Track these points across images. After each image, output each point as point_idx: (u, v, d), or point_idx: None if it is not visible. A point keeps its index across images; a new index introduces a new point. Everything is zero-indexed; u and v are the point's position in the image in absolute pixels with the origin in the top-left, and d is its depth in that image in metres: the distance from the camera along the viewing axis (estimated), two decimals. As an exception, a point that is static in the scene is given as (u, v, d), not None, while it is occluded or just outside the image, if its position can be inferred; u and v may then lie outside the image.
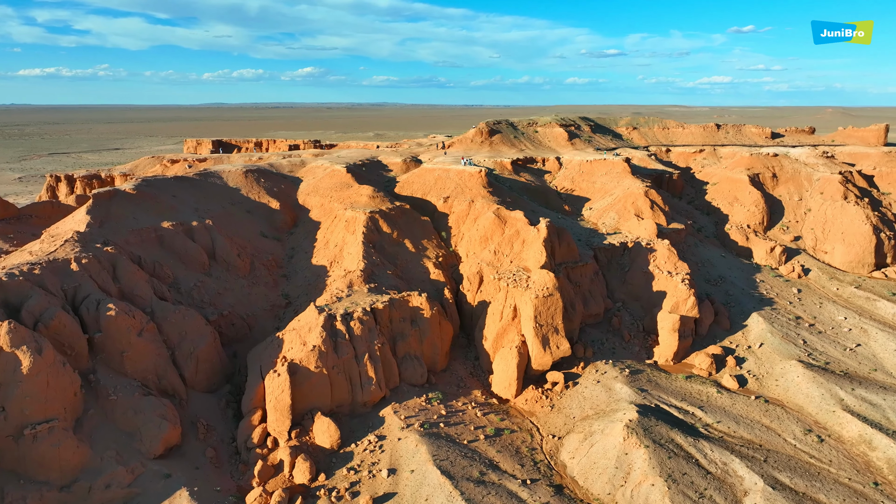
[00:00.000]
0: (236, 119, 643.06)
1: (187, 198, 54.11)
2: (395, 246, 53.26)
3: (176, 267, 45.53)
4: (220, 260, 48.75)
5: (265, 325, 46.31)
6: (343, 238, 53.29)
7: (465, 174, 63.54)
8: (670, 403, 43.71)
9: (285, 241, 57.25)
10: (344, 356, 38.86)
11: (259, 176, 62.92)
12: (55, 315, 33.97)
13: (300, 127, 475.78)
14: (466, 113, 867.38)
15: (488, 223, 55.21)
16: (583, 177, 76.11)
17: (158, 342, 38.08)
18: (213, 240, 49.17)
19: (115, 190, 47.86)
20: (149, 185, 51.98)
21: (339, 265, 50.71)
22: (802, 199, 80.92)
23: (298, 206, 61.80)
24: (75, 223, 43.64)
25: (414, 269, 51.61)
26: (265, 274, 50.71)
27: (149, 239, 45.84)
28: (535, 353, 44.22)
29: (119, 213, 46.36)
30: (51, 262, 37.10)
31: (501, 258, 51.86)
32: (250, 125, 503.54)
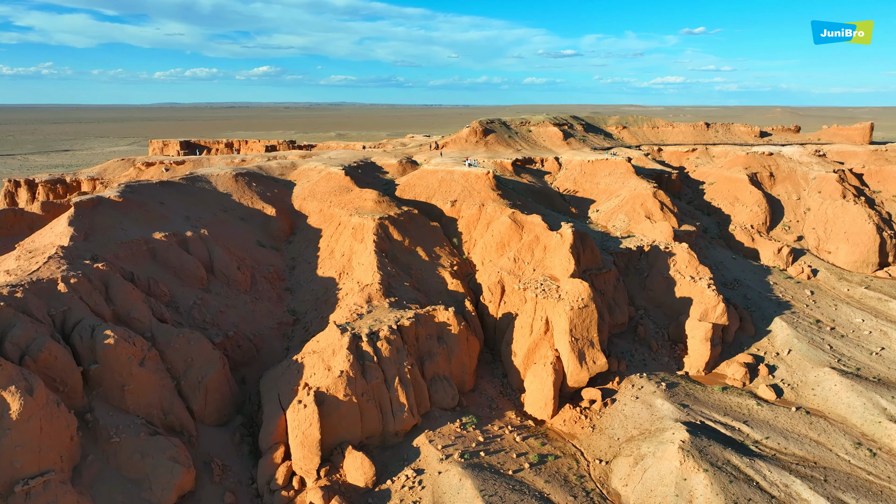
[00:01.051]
0: (191, 119, 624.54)
1: (176, 205, 49.16)
2: (407, 255, 49.40)
3: (172, 283, 40.75)
4: (218, 274, 44.11)
5: (273, 345, 41.94)
6: (350, 247, 49.15)
7: (472, 176, 60.05)
8: (713, 419, 41.14)
9: (284, 250, 52.75)
10: (373, 381, 34.93)
11: (250, 180, 58.14)
12: (44, 346, 29.13)
13: (258, 127, 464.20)
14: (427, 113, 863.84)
15: (504, 228, 51.85)
16: (585, 177, 73.48)
17: (162, 372, 33.46)
18: (210, 252, 44.48)
19: (98, 198, 42.71)
20: (134, 192, 46.88)
21: (348, 276, 46.58)
22: (801, 199, 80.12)
23: (295, 212, 57.29)
24: (56, 236, 38.48)
25: (430, 280, 47.86)
26: (268, 288, 46.23)
27: (140, 252, 40.93)
28: (571, 370, 41.05)
29: (104, 223, 41.30)
30: (34, 284, 32.11)
31: (522, 266, 48.55)
32: (206, 125, 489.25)
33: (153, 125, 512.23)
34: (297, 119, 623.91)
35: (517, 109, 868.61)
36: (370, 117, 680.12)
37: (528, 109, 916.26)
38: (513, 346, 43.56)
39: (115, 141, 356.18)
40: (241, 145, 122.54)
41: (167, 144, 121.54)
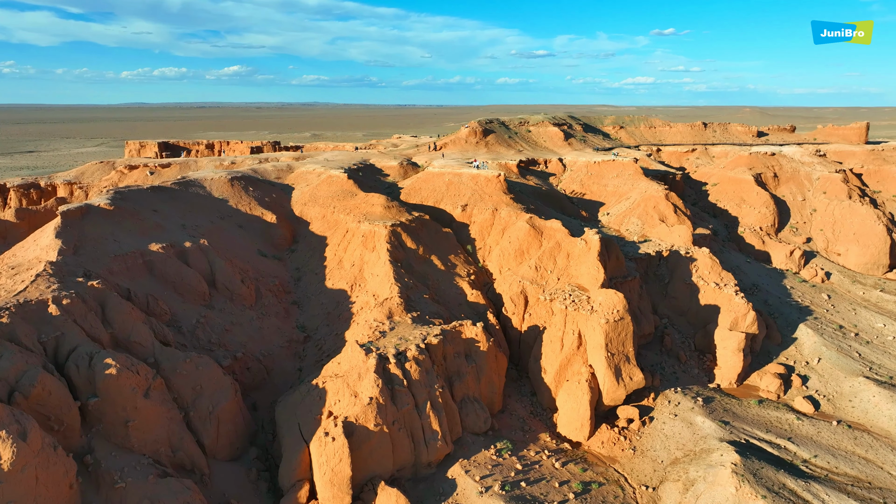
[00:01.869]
0: (160, 119, 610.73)
1: (171, 212, 45.26)
2: (422, 264, 46.18)
3: (172, 300, 36.97)
4: (221, 288, 40.40)
5: (284, 366, 38.41)
6: (361, 256, 45.76)
7: (482, 179, 57.04)
8: (757, 436, 38.76)
9: (287, 260, 49.11)
10: (404, 408, 31.70)
11: (247, 184, 54.30)
12: (37, 379, 25.33)
13: (230, 127, 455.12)
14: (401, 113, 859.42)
15: (522, 235, 48.95)
16: (592, 179, 71.01)
17: (169, 403, 29.80)
18: (211, 264, 40.75)
19: (87, 206, 38.66)
20: (125, 199, 42.87)
21: (361, 288, 43.22)
22: (806, 200, 78.80)
23: (295, 219, 53.63)
24: (42, 250, 34.44)
25: (448, 291, 44.74)
26: (274, 302, 42.63)
27: (136, 266, 37.06)
28: (607, 387, 38.31)
29: (95, 234, 37.33)
30: (21, 307, 28.21)
31: (545, 274, 45.71)
32: (177, 126, 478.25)
33: (121, 125, 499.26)
34: (270, 119, 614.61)
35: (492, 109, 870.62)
36: (344, 117, 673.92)
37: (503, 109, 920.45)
38: (542, 362, 40.67)
39: (82, 142, 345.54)
40: (224, 146, 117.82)
41: (144, 146, 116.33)
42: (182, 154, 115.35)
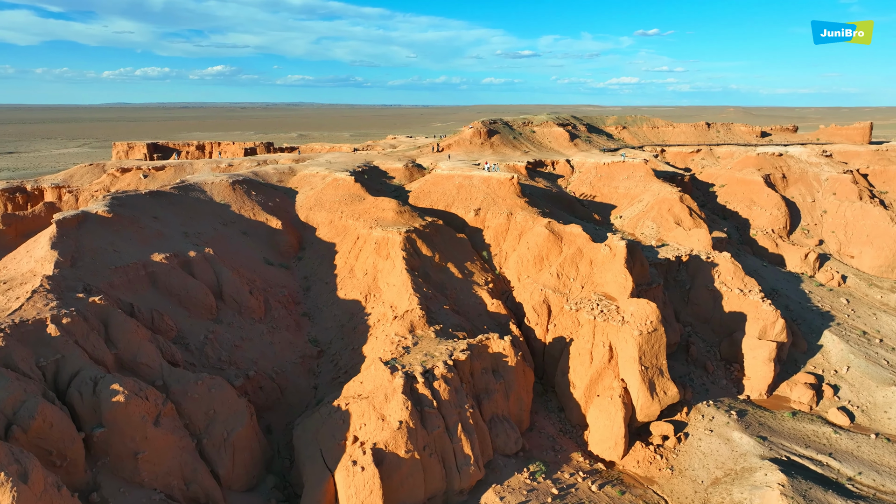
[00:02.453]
0: (143, 119, 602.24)
1: (171, 219, 42.58)
2: (439, 272, 43.88)
3: (177, 315, 34.36)
4: (228, 300, 37.81)
5: (299, 383, 35.93)
6: (374, 264, 43.36)
7: (494, 182, 54.83)
8: (796, 452, 36.94)
9: (294, 268, 46.56)
10: (434, 431, 29.39)
11: (249, 188, 51.65)
12: (37, 410, 22.72)
13: (215, 128, 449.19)
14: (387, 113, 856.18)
15: (541, 240, 46.81)
16: (602, 181, 69.08)
17: (181, 430, 27.24)
18: (217, 274, 38.16)
19: (84, 213, 35.90)
20: (123, 205, 40.12)
21: (376, 299, 40.82)
22: (816, 201, 77.50)
23: (301, 224, 51.07)
24: (37, 262, 31.69)
25: (467, 301, 42.48)
26: (284, 314, 40.10)
27: (138, 279, 34.39)
28: (641, 403, 36.26)
29: (93, 244, 34.60)
30: (18, 327, 25.54)
31: (567, 282, 43.61)
32: (160, 126, 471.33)
33: (104, 126, 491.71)
34: (255, 119, 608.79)
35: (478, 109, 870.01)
36: (330, 117, 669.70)
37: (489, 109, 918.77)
38: (570, 375, 38.53)
39: (64, 143, 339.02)
40: (215, 147, 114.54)
41: (133, 147, 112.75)
42: (172, 155, 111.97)
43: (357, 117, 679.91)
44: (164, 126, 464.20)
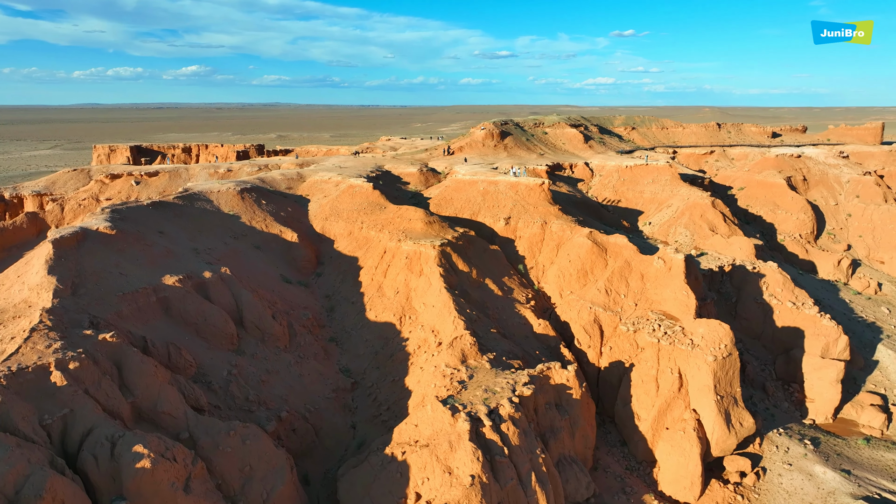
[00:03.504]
0: (116, 120, 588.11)
1: (178, 233, 37.89)
2: (477, 289, 39.78)
3: (195, 347, 29.79)
4: (250, 327, 33.30)
5: (334, 422, 31.55)
6: (406, 282, 39.10)
7: (523, 188, 50.87)
8: (886, 488, 33.49)
9: (314, 286, 42.08)
10: (508, 484, 25.27)
11: (258, 196, 47.01)
12: (45, 487, 18.18)
13: (190, 128, 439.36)
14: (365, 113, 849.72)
15: (584, 252, 42.97)
16: (625, 185, 65.52)
17: (214, 494, 22.72)
18: (236, 297, 33.63)
19: (83, 230, 31.09)
20: (125, 219, 35.35)
21: (412, 322, 36.58)
22: (839, 204, 74.88)
23: (316, 236, 46.59)
24: (31, 291, 26.92)
25: (510, 321, 38.43)
26: (310, 341, 35.67)
27: (149, 306, 29.74)
28: (717, 436, 32.57)
29: (96, 266, 29.88)
30: (15, 376, 20.91)
31: (618, 299, 39.80)
32: (134, 127, 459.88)
33: (75, 127, 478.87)
34: (232, 120, 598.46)
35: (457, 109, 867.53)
36: (308, 118, 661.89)
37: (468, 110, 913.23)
38: (633, 406, 34.67)
39: (35, 144, 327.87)
40: (202, 150, 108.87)
41: (115, 150, 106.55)
42: (157, 159, 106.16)
43: (335, 118, 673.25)
44: (138, 127, 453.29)
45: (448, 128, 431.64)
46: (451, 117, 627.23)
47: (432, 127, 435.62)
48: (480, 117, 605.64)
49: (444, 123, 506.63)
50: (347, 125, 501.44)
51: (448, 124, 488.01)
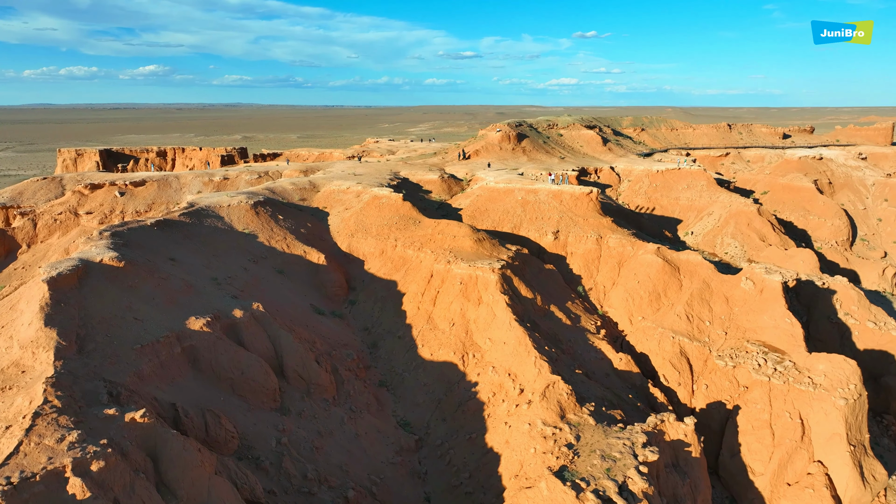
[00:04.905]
0: (71, 121, 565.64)
1: (191, 259, 31.46)
2: (544, 318, 34.31)
3: (233, 409, 23.60)
4: (292, 377, 27.18)
5: (404, 496, 25.65)
6: (463, 312, 33.37)
7: (567, 197, 45.61)
8: None
9: (348, 317, 36.00)
10: (656, 585, 19.87)
11: (274, 210, 40.68)
12: None
13: (150, 130, 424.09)
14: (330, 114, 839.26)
15: (654, 272, 37.91)
16: (658, 191, 60.92)
17: None
18: (273, 340, 27.48)
19: (84, 264, 24.49)
20: (129, 244, 28.80)
21: (478, 361, 30.88)
22: (867, 208, 71.77)
23: (343, 256, 40.50)
24: (24, 349, 20.39)
25: (586, 355, 33.05)
26: (359, 388, 29.68)
27: (174, 360, 23.42)
28: (851, 493, 27.73)
29: (104, 310, 23.40)
30: (17, 492, 14.64)
31: (703, 327, 34.82)
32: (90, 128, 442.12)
33: (27, 128, 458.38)
34: (194, 121, 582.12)
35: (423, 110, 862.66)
36: (273, 118, 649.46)
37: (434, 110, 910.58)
38: (744, 456, 29.64)
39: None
40: (178, 154, 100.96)
41: (82, 154, 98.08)
42: (130, 163, 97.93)
43: (300, 118, 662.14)
44: (94, 128, 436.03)
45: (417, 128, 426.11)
46: (418, 118, 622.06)
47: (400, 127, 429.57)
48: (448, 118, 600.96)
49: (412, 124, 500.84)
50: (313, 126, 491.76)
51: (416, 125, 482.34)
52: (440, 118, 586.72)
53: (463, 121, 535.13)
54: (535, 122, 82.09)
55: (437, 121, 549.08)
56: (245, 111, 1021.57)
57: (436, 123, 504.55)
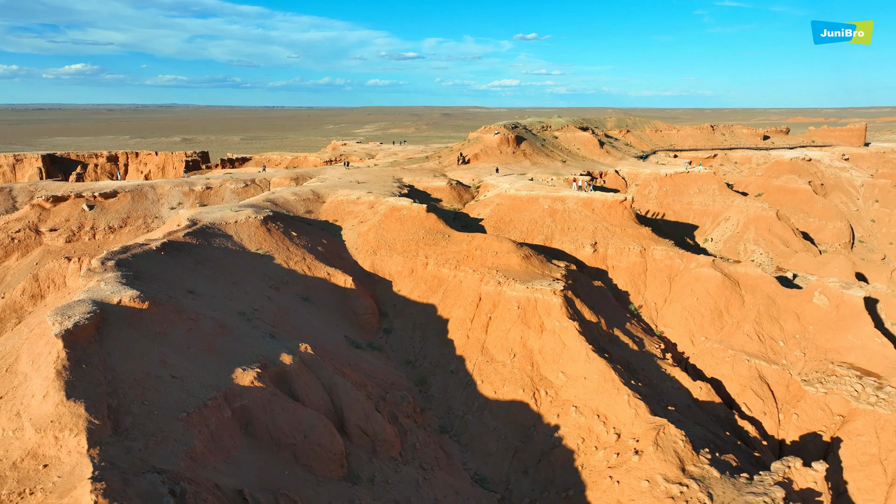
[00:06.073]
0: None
1: (212, 291, 26.28)
2: (610, 344, 30.67)
3: (300, 485, 18.87)
4: (354, 433, 22.54)
5: (502, 573, 21.40)
6: (523, 341, 29.33)
7: (599, 205, 42.22)
8: None
9: (387, 349, 31.38)
10: None
11: (286, 226, 35.55)
12: None
13: (80, 132, 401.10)
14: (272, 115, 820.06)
15: (714, 287, 34.87)
16: (669, 196, 58.47)
17: None
18: (329, 390, 22.78)
19: (101, 308, 19.15)
20: (139, 276, 23.44)
21: (554, 400, 26.92)
22: (859, 209, 71.65)
23: (366, 276, 35.76)
24: (42, 433, 15.10)
25: (662, 385, 29.60)
26: (423, 439, 25.22)
27: (225, 428, 18.49)
28: (975, 534, 25.13)
29: (134, 368, 18.24)
30: None
31: (777, 347, 31.92)
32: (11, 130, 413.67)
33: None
34: (127, 122, 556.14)
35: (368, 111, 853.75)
36: (212, 119, 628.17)
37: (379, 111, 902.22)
38: (853, 496, 26.71)
39: None
40: (132, 159, 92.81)
41: (21, 160, 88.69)
42: (77, 167, 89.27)
43: (241, 119, 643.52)
44: (17, 130, 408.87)
45: (363, 129, 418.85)
46: (363, 118, 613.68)
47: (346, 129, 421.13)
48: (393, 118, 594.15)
49: (358, 125, 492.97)
50: (256, 127, 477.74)
51: (362, 126, 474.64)
52: (385, 119, 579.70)
53: (409, 122, 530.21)
54: (529, 123, 78.78)
55: (383, 122, 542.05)
56: (181, 112, 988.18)
57: (382, 125, 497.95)
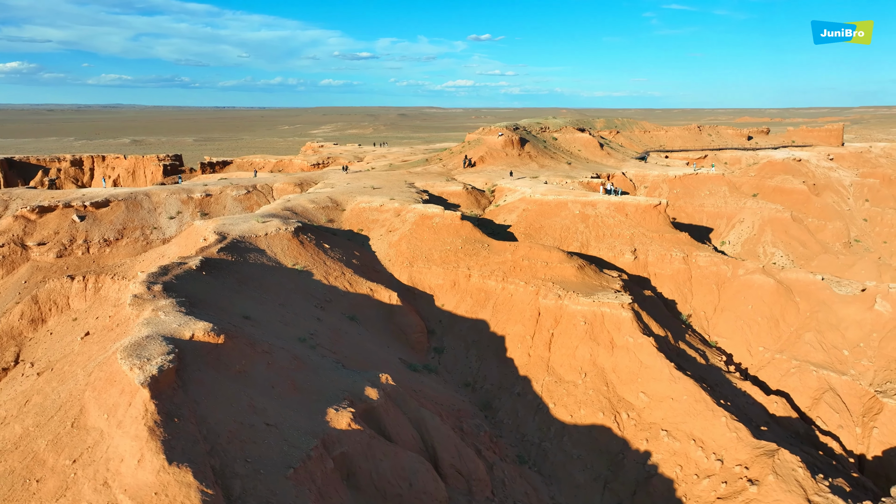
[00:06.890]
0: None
1: (264, 314, 23.39)
2: (678, 358, 28.95)
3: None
4: (449, 473, 20.12)
5: None
6: (593, 359, 27.35)
7: (632, 210, 40.66)
8: None
9: (442, 371, 28.91)
10: None
11: (318, 239, 32.64)
12: None
13: (20, 133, 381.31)
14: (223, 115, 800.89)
15: (768, 295, 33.66)
16: (680, 198, 57.59)
17: None
18: (417, 426, 20.32)
19: (176, 344, 16.17)
20: (192, 301, 20.44)
21: (638, 424, 25.01)
22: (851, 209, 72.52)
23: (405, 290, 33.16)
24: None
25: (736, 401, 28.05)
26: (510, 473, 22.92)
27: (328, 481, 15.87)
28: None
29: (226, 417, 15.40)
30: None
31: (841, 357, 30.84)
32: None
33: None
34: (70, 123, 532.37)
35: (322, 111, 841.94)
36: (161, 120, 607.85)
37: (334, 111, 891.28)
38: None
39: None
40: (97, 163, 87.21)
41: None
42: (38, 173, 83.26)
43: (191, 120, 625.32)
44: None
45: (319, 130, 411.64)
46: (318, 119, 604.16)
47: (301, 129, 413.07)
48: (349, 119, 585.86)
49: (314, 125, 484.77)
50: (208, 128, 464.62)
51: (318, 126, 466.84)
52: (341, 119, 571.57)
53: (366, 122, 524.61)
54: (528, 125, 77.08)
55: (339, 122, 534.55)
56: (127, 112, 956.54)
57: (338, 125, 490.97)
